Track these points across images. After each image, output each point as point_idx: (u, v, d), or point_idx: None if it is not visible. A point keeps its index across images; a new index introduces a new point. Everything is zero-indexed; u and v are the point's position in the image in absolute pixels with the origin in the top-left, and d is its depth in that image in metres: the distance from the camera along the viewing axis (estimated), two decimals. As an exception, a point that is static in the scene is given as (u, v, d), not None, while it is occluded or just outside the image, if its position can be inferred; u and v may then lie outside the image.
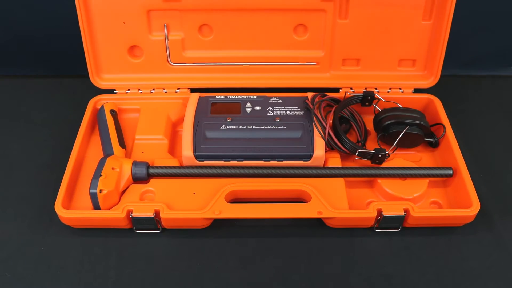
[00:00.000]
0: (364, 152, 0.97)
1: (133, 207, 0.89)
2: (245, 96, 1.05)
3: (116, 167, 0.93)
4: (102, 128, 1.03)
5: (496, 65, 1.30)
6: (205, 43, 1.11)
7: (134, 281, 0.85)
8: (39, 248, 0.90)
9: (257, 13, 1.07)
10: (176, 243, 0.91)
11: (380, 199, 0.96)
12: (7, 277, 0.86)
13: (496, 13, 1.22)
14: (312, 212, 0.89)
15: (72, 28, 1.13)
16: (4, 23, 1.24)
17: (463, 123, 1.12)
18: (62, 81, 1.25)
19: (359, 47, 1.10)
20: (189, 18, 1.08)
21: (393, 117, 1.00)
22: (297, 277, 0.86)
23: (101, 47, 1.09)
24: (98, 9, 1.05)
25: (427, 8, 1.06)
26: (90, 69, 1.09)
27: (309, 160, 0.96)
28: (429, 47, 1.10)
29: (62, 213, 0.89)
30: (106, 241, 0.91)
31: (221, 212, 0.89)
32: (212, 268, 0.87)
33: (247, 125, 0.98)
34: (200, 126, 0.98)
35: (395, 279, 0.86)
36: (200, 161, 0.96)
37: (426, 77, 1.12)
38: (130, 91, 1.11)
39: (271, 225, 0.93)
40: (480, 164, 1.04)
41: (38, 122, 1.14)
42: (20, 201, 0.97)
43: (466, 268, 0.88)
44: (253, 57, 1.12)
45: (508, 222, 0.95)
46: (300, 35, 1.11)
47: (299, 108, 1.01)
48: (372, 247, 0.91)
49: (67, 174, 0.94)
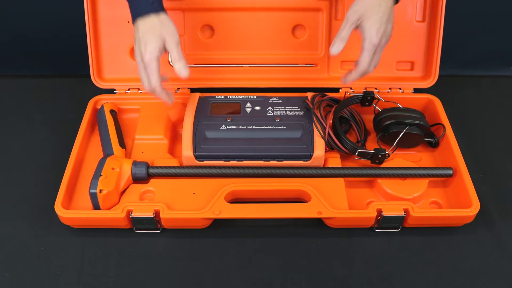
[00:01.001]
0: (364, 152, 0.97)
1: (133, 207, 0.89)
2: (245, 96, 1.05)
3: (116, 167, 0.93)
4: (102, 128, 1.03)
5: (496, 65, 1.30)
6: (205, 44, 1.11)
7: (134, 281, 0.85)
8: (39, 248, 0.90)
9: (257, 13, 1.08)
10: (176, 243, 0.91)
11: (380, 199, 0.96)
12: (6, 277, 0.86)
13: (496, 13, 1.22)
14: (312, 212, 0.89)
15: (72, 28, 1.14)
16: (5, 23, 1.24)
17: (463, 123, 1.12)
18: (62, 81, 1.25)
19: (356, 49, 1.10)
20: (191, 18, 1.08)
21: (393, 117, 1.00)
22: (297, 277, 0.86)
23: (104, 47, 1.10)
24: (104, 9, 1.05)
25: (419, 8, 1.07)
26: (92, 69, 1.09)
27: (309, 160, 0.96)
28: (425, 48, 1.11)
29: (62, 213, 0.89)
30: (106, 241, 0.91)
31: (221, 212, 0.89)
32: (212, 268, 0.87)
33: (247, 125, 0.98)
34: (200, 126, 0.98)
35: (395, 279, 0.86)
36: (200, 161, 0.96)
37: (424, 78, 1.12)
38: (130, 91, 1.12)
39: (271, 225, 0.93)
40: (480, 164, 1.04)
41: (38, 122, 1.14)
42: (20, 201, 0.97)
43: (466, 268, 0.88)
44: (253, 58, 1.12)
45: (508, 222, 0.95)
46: (299, 36, 1.11)
47: (299, 108, 1.01)
48: (372, 247, 0.91)
49: (67, 174, 0.94)
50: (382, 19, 0.87)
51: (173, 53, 0.88)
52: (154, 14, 0.87)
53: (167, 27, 0.88)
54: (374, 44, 0.88)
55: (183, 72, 0.88)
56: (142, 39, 0.87)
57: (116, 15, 1.07)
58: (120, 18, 1.07)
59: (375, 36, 0.87)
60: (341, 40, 0.88)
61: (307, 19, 1.08)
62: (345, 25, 0.88)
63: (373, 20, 0.86)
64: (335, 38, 0.89)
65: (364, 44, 0.88)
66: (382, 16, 0.86)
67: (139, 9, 0.88)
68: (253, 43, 1.11)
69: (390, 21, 0.88)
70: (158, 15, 0.88)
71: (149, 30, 0.87)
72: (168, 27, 0.88)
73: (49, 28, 1.24)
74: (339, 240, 0.91)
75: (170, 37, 0.88)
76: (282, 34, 1.10)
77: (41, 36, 1.25)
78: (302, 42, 1.11)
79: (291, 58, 1.12)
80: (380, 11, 0.86)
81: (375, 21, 0.86)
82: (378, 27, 0.86)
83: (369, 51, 0.88)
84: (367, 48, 0.88)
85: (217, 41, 1.11)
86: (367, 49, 0.88)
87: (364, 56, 0.89)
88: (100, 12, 1.07)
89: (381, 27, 0.87)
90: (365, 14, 0.86)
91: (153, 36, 0.87)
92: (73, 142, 1.01)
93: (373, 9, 0.86)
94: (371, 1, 0.86)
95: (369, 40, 0.87)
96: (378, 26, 0.86)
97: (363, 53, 0.89)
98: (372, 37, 0.87)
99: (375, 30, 0.86)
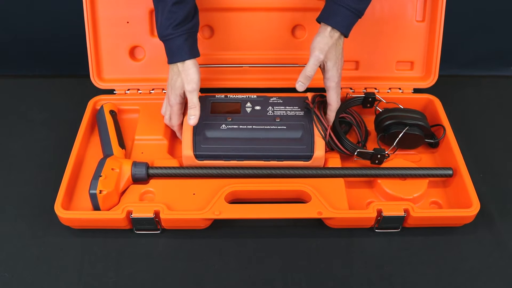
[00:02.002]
0: (363, 152, 0.97)
1: (133, 208, 0.89)
2: (245, 96, 1.05)
3: (115, 168, 0.93)
4: (102, 129, 1.03)
5: (496, 65, 1.30)
6: (205, 44, 1.11)
7: (134, 282, 0.85)
8: (39, 249, 0.90)
9: (257, 13, 1.08)
10: (176, 244, 0.91)
11: (380, 199, 0.96)
12: (6, 277, 0.86)
13: (496, 13, 1.22)
14: (312, 212, 0.89)
15: (72, 28, 1.13)
16: (5, 23, 1.24)
17: (463, 123, 1.12)
18: (62, 81, 1.25)
19: (356, 49, 1.11)
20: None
21: (393, 117, 1.00)
22: (297, 278, 0.86)
23: (104, 48, 1.09)
24: (104, 9, 1.05)
25: (419, 8, 1.07)
26: (91, 70, 1.09)
27: (309, 161, 0.96)
28: (425, 48, 1.10)
29: (61, 214, 0.89)
30: (106, 242, 0.91)
31: (221, 213, 0.89)
32: (212, 268, 0.87)
33: (247, 125, 0.98)
34: (200, 126, 0.98)
35: (395, 279, 0.86)
36: (200, 161, 0.96)
37: (424, 78, 1.12)
38: (130, 91, 1.11)
39: (271, 226, 0.93)
40: (480, 164, 1.04)
41: (38, 122, 1.14)
42: (20, 201, 0.97)
43: (466, 268, 0.88)
44: (253, 58, 1.12)
45: (508, 222, 0.95)
46: (299, 36, 1.11)
47: (299, 108, 1.01)
48: (372, 247, 0.91)
49: (66, 174, 0.94)
50: (338, 57, 0.93)
51: (188, 99, 0.94)
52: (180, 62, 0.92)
53: (187, 74, 0.92)
54: (336, 82, 0.94)
55: (191, 121, 0.94)
56: (170, 82, 0.96)
57: (115, 16, 1.07)
58: (119, 19, 1.07)
59: (336, 75, 0.93)
60: (307, 78, 0.93)
61: (307, 19, 1.08)
62: (312, 63, 0.92)
63: (333, 61, 0.92)
64: (301, 76, 0.93)
65: (329, 83, 0.94)
66: (338, 55, 0.93)
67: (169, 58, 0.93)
68: (253, 43, 1.11)
69: (342, 56, 0.95)
70: (184, 62, 0.92)
71: (175, 74, 0.94)
72: (188, 74, 0.92)
73: (49, 28, 1.24)
74: (339, 240, 0.91)
75: (187, 85, 0.92)
76: (282, 34, 1.10)
77: (41, 36, 1.25)
78: (302, 42, 1.11)
79: (291, 58, 1.12)
80: (337, 50, 0.92)
81: (335, 62, 0.92)
82: (338, 66, 0.93)
83: (334, 89, 0.95)
84: (332, 86, 0.94)
85: (217, 41, 1.11)
86: (332, 88, 0.95)
87: (332, 95, 0.95)
88: (99, 12, 1.07)
89: (339, 66, 0.93)
90: (327, 54, 0.91)
91: (176, 83, 0.94)
92: (72, 142, 1.01)
93: (331, 49, 0.91)
94: (330, 40, 0.91)
95: (332, 79, 0.94)
96: (338, 65, 0.93)
97: (331, 93, 0.95)
98: (334, 76, 0.93)
99: (336, 69, 0.93)
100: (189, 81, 0.92)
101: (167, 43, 0.92)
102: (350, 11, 0.89)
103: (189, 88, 0.92)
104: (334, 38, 0.90)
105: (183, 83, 0.93)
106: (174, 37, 0.90)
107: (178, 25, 0.89)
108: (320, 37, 0.91)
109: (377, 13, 1.08)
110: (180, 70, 0.92)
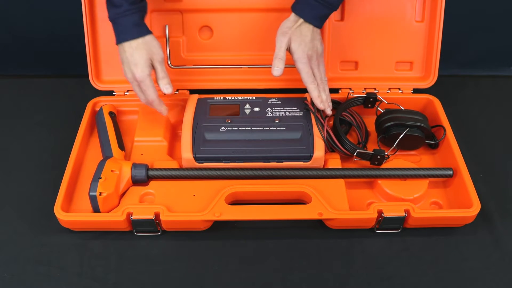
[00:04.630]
0: (363, 152, 0.97)
1: (133, 210, 0.89)
2: (244, 98, 1.05)
3: (115, 170, 0.93)
4: (101, 130, 1.03)
5: (496, 65, 1.30)
6: (204, 45, 1.11)
7: (134, 284, 0.85)
8: (39, 250, 0.90)
9: (256, 13, 1.08)
10: (176, 246, 0.91)
11: (380, 200, 0.96)
12: (6, 278, 0.86)
13: (496, 13, 1.22)
14: (312, 213, 0.89)
15: (72, 29, 1.13)
16: (5, 23, 1.24)
17: (463, 123, 1.12)
18: (61, 82, 1.25)
19: (356, 49, 1.11)
20: (190, 19, 1.08)
21: (394, 118, 1.00)
22: (298, 279, 0.86)
23: (103, 49, 1.09)
24: (103, 11, 1.05)
25: (419, 8, 1.07)
26: (90, 71, 1.09)
27: (309, 161, 0.96)
28: (425, 48, 1.10)
29: (61, 216, 0.88)
30: (106, 244, 0.91)
31: (221, 214, 0.88)
32: (212, 270, 0.87)
33: (246, 127, 0.98)
34: (199, 128, 0.97)
35: (395, 280, 0.86)
36: (200, 163, 0.96)
37: (424, 78, 1.12)
38: (129, 92, 1.11)
39: (271, 227, 0.93)
40: (480, 164, 1.04)
41: (38, 123, 1.14)
42: (20, 202, 0.97)
43: (466, 269, 0.88)
44: (252, 59, 1.12)
45: (508, 222, 0.95)
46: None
47: (298, 109, 1.01)
48: (372, 248, 0.91)
49: (66, 176, 0.94)
50: (305, 40, 0.94)
51: (157, 71, 0.95)
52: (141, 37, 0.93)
53: (151, 46, 0.93)
54: (304, 63, 0.95)
55: (167, 90, 0.95)
56: (131, 60, 0.93)
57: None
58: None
59: (303, 55, 0.95)
60: (279, 61, 0.95)
61: (306, 20, 1.08)
62: (279, 47, 0.95)
63: (297, 42, 0.94)
64: (274, 60, 0.96)
65: (297, 64, 0.96)
66: (304, 38, 0.94)
67: (127, 35, 0.93)
68: (252, 44, 1.11)
69: (315, 39, 0.96)
70: (144, 37, 0.93)
71: (136, 50, 0.93)
72: (153, 46, 0.94)
73: (49, 28, 1.24)
74: (340, 241, 0.91)
75: (155, 56, 0.94)
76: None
77: (41, 36, 1.25)
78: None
79: (290, 58, 1.11)
80: (302, 34, 0.94)
81: (299, 43, 0.94)
82: (303, 48, 0.95)
83: (303, 70, 0.96)
84: (301, 68, 0.96)
85: (216, 42, 1.11)
86: (301, 69, 0.96)
87: (303, 76, 0.97)
88: (98, 13, 1.06)
89: (305, 48, 0.95)
90: (291, 37, 0.94)
91: (141, 56, 0.93)
92: (72, 143, 1.00)
93: (296, 32, 0.94)
94: (294, 24, 0.94)
95: (300, 60, 0.95)
96: (303, 47, 0.94)
97: (301, 73, 0.97)
98: (300, 57, 0.95)
99: (301, 50, 0.95)
100: (157, 52, 0.94)
101: (123, 20, 0.92)
102: (318, 2, 0.93)
103: (160, 58, 0.94)
104: (298, 23, 0.94)
105: (149, 56, 0.93)
106: (131, 13, 0.91)
107: (133, 2, 0.91)
108: (284, 22, 0.96)
109: (377, 13, 1.08)
110: (140, 44, 0.92)
